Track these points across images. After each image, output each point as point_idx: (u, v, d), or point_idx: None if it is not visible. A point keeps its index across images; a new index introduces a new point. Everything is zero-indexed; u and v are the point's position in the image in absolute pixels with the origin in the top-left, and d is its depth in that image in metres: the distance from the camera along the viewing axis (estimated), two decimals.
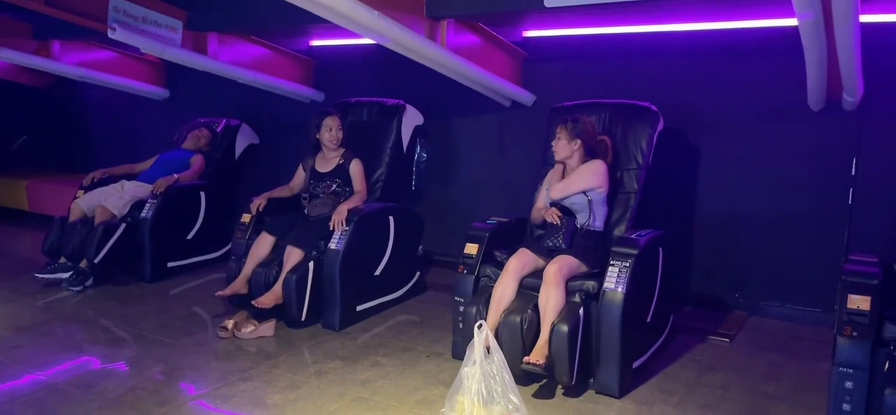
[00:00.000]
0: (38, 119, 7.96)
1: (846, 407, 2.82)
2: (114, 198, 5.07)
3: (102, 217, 4.93)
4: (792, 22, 3.04)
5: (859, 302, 2.81)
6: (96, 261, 4.81)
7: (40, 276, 4.85)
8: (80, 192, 5.30)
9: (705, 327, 4.13)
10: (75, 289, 4.77)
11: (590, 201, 3.59)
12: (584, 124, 3.66)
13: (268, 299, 3.98)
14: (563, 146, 3.65)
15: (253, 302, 4.00)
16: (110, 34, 4.55)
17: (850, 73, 3.29)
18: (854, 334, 2.79)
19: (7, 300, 4.60)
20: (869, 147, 3.98)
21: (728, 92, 4.33)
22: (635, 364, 3.40)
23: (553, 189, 3.66)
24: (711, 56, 4.33)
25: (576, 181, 3.61)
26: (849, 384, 2.80)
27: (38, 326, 4.16)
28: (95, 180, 5.34)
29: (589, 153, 3.68)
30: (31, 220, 6.99)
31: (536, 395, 3.26)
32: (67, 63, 6.14)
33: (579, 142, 3.63)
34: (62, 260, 4.92)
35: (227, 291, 4.14)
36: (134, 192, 5.17)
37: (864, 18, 3.42)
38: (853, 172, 4.02)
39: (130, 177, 5.42)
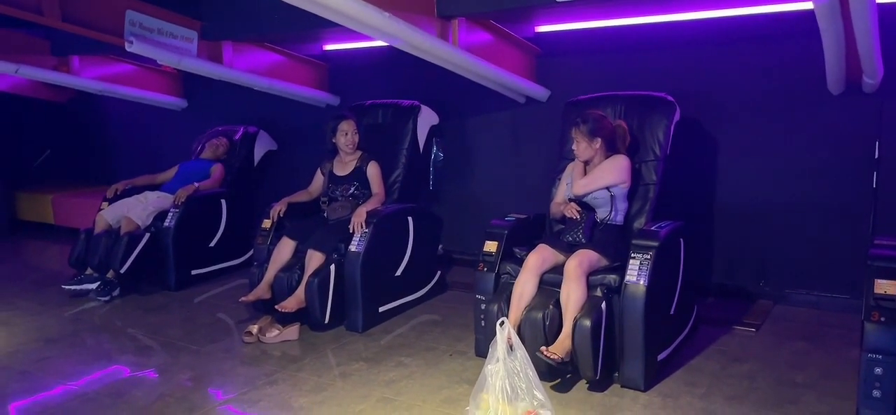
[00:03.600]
0: (61, 133, 8.10)
1: (876, 394, 2.78)
2: (137, 209, 5.15)
3: (128, 228, 5.01)
4: (808, 5, 3.01)
5: (887, 287, 2.76)
6: (122, 271, 4.89)
7: (68, 288, 4.94)
8: (105, 204, 5.39)
9: (730, 317, 4.10)
10: (103, 299, 4.85)
11: (612, 197, 3.57)
12: (596, 119, 3.62)
13: (291, 303, 4.02)
14: (584, 148, 3.62)
15: (276, 307, 4.04)
16: (127, 47, 4.63)
17: (869, 55, 3.24)
18: (882, 319, 2.75)
19: (36, 312, 4.69)
20: (891, 129, 3.92)
21: (745, 79, 4.28)
22: (660, 357, 3.38)
23: (576, 185, 3.64)
24: (727, 43, 4.29)
25: (599, 177, 3.59)
26: (878, 371, 2.76)
27: (67, 336, 4.24)
28: (118, 192, 5.42)
29: (609, 145, 3.66)
30: (57, 233, 7.12)
31: (561, 390, 3.25)
32: (87, 78, 6.24)
33: (599, 139, 3.61)
34: (89, 271, 5.01)
35: (251, 296, 4.19)
36: (157, 203, 5.25)
37: None
38: (876, 155, 3.96)
39: (152, 187, 5.51)
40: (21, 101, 7.40)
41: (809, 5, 2.89)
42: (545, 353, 3.07)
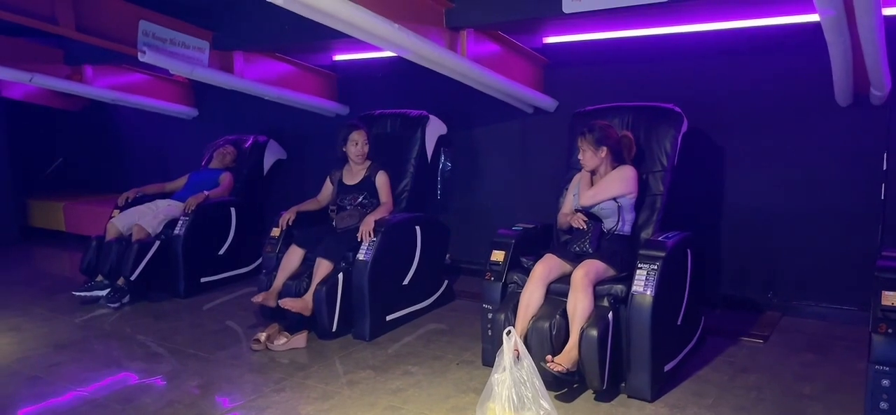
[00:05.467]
0: (73, 142, 8.19)
1: (884, 406, 2.77)
2: (148, 217, 5.20)
3: (138, 236, 5.05)
4: (815, 18, 3.02)
5: (894, 298, 2.76)
6: (132, 278, 4.93)
7: (78, 294, 4.98)
8: (116, 211, 5.43)
9: (738, 328, 4.09)
10: (113, 306, 4.89)
11: (619, 207, 3.58)
12: (601, 129, 3.64)
13: (295, 304, 4.02)
14: (590, 157, 3.64)
15: (279, 301, 4.06)
16: (140, 57, 4.69)
17: (876, 67, 3.25)
18: (889, 331, 2.75)
19: (47, 319, 4.73)
20: None
21: (753, 90, 4.29)
22: (667, 367, 3.38)
23: (583, 196, 3.66)
24: (735, 55, 4.30)
25: (606, 188, 3.60)
26: (885, 382, 2.76)
27: (77, 343, 4.28)
28: (129, 200, 5.47)
29: (615, 155, 3.68)
30: (68, 240, 7.18)
31: (567, 400, 3.26)
32: (100, 87, 6.32)
33: (605, 148, 3.62)
34: (99, 278, 5.05)
35: (260, 297, 4.19)
36: (167, 211, 5.30)
37: (888, 11, 3.38)
38: (884, 167, 3.96)
39: (162, 195, 5.56)
40: (34, 109, 7.49)
41: (817, 18, 2.90)
42: (551, 363, 3.07)
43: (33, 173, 8.02)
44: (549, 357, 3.10)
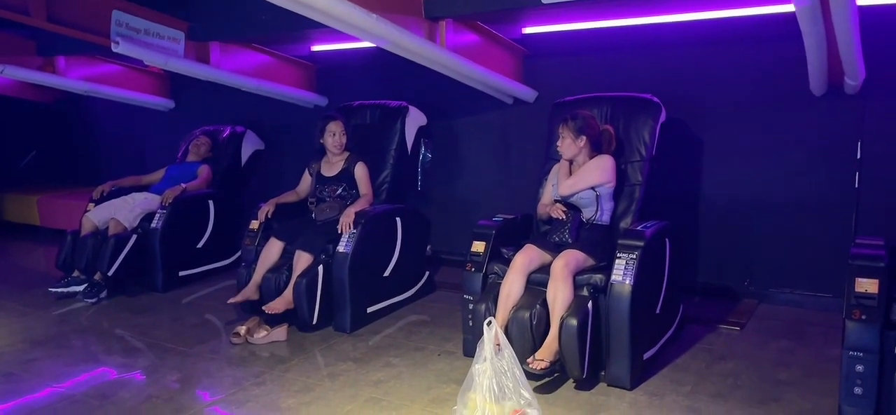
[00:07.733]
0: (46, 134, 8.04)
1: (857, 391, 2.82)
2: (124, 210, 5.13)
3: (115, 230, 4.99)
4: (790, 8, 3.05)
5: (867, 285, 2.81)
6: (109, 273, 4.87)
7: (54, 290, 4.91)
8: (91, 205, 5.35)
9: (715, 316, 4.14)
10: (90, 301, 4.83)
11: (598, 197, 3.60)
12: (584, 119, 3.66)
13: (278, 305, 4.02)
14: (569, 145, 3.65)
15: (263, 308, 4.04)
16: (114, 48, 4.61)
17: (851, 57, 3.29)
18: (863, 317, 2.79)
19: (22, 314, 4.66)
20: (873, 130, 3.97)
21: (730, 80, 4.33)
22: (646, 355, 3.41)
23: (561, 186, 3.67)
24: (712, 45, 4.33)
25: (584, 177, 3.62)
26: (859, 368, 2.80)
27: (53, 338, 4.21)
28: (105, 193, 5.39)
29: (595, 147, 3.69)
30: (43, 235, 7.07)
31: (548, 389, 3.27)
32: (72, 78, 6.20)
33: (585, 138, 3.64)
34: (75, 273, 4.98)
35: (239, 297, 4.18)
36: (144, 204, 5.22)
37: (863, 1, 3.42)
38: (858, 156, 4.02)
39: (138, 188, 5.49)
40: (6, 101, 7.34)
41: (791, 8, 2.92)
42: (533, 363, 3.09)
43: (6, 167, 7.87)
44: (530, 359, 3.12)
